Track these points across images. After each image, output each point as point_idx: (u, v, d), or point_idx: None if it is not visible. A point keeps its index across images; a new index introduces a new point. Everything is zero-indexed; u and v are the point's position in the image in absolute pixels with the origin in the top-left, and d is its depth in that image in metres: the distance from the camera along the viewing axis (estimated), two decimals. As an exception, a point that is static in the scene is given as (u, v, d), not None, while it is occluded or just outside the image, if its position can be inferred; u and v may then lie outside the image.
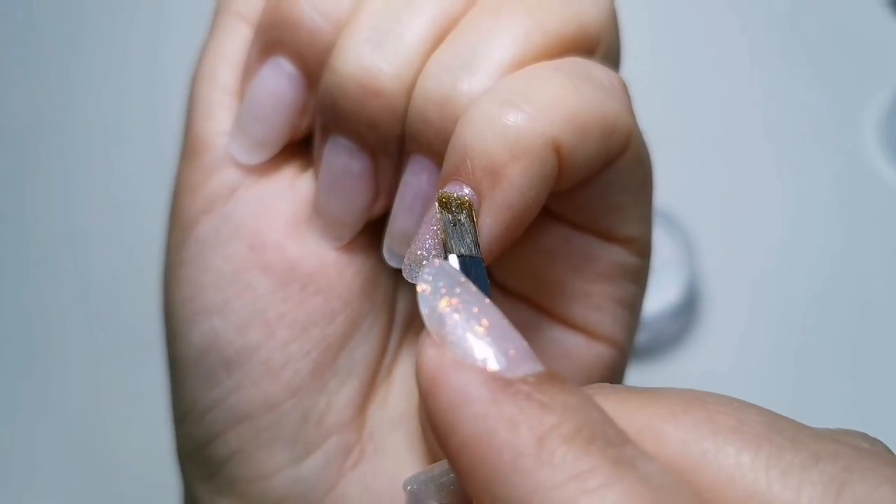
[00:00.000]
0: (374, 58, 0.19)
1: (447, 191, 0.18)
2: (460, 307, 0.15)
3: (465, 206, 0.18)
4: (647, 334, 0.45)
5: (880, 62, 0.53)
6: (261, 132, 0.21)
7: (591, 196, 0.20)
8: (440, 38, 0.20)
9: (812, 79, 0.53)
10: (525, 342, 0.14)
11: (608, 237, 0.21)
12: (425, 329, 0.15)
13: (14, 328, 0.49)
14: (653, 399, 0.14)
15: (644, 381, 0.44)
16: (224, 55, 0.22)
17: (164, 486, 0.33)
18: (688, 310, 0.46)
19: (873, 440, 0.15)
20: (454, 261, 0.17)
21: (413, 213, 0.20)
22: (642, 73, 0.29)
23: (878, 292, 0.48)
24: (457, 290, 0.15)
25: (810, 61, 0.54)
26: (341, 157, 0.21)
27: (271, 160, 0.22)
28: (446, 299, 0.15)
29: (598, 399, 0.14)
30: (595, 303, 0.21)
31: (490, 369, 0.14)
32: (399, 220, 0.20)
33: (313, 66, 0.21)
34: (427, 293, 0.15)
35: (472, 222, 0.17)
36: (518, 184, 0.17)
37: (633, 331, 0.22)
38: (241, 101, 0.22)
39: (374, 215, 0.22)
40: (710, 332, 0.47)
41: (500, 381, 0.14)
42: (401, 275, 0.19)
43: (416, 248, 0.18)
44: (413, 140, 0.20)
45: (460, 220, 0.17)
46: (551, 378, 0.14)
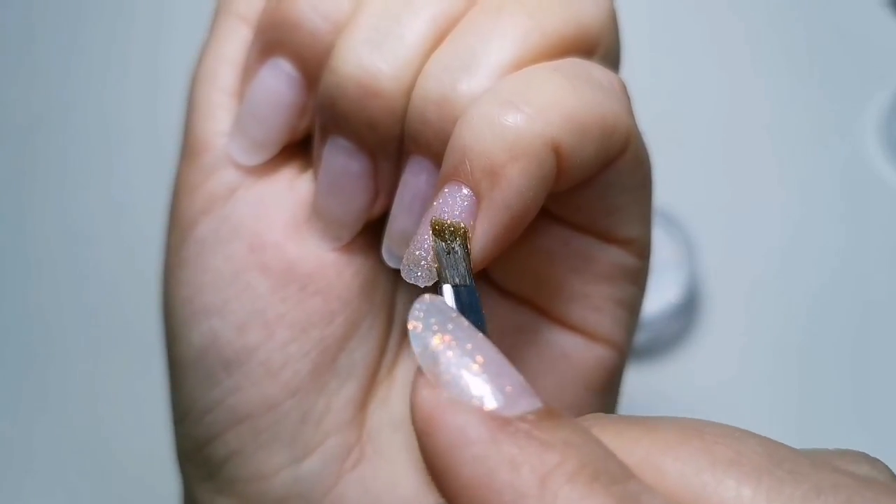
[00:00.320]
0: (374, 58, 0.19)
1: (440, 217, 0.17)
2: (453, 344, 0.14)
3: (459, 234, 0.17)
4: (647, 334, 0.45)
5: (880, 62, 0.53)
6: (260, 133, 0.21)
7: (591, 197, 0.20)
8: (440, 38, 0.20)
9: (812, 79, 0.53)
10: (521, 377, 0.14)
11: (607, 238, 0.21)
12: (418, 368, 0.14)
13: (14, 328, 0.49)
14: (650, 430, 0.14)
15: (644, 381, 0.44)
16: (224, 56, 0.22)
17: (164, 487, 0.33)
18: (688, 310, 0.46)
19: (874, 462, 0.14)
20: (448, 291, 0.17)
21: (412, 213, 0.20)
22: (642, 74, 0.29)
23: (878, 292, 0.48)
24: (449, 326, 0.14)
25: (810, 61, 0.54)
26: (340, 158, 0.21)
27: (271, 161, 0.22)
28: (439, 336, 0.14)
29: (595, 431, 0.14)
30: (594, 304, 0.21)
31: (487, 408, 0.13)
32: (398, 221, 0.20)
33: (313, 66, 0.21)
34: (419, 330, 0.14)
35: (466, 250, 0.17)
36: (517, 184, 0.17)
37: (632, 332, 0.22)
38: (240, 102, 0.22)
39: (373, 216, 0.22)
40: (710, 332, 0.47)
41: (499, 420, 0.13)
42: (400, 275, 0.19)
43: (415, 249, 0.18)
44: (412, 141, 0.20)
45: (454, 248, 0.17)
46: (550, 414, 0.14)
